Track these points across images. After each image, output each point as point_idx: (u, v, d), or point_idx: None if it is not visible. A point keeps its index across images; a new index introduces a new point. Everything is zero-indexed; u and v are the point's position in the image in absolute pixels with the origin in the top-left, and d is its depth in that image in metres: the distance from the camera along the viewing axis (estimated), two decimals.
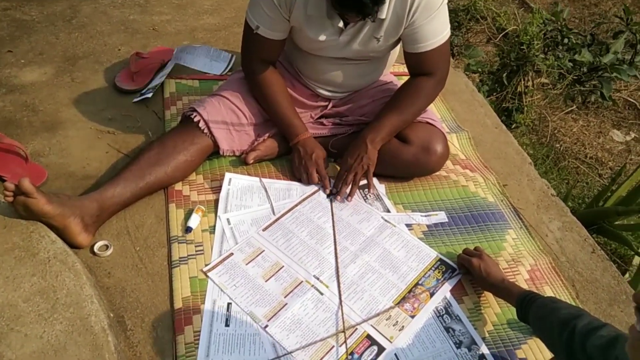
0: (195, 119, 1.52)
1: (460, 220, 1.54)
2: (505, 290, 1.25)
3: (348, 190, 1.54)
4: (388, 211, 1.54)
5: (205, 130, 1.52)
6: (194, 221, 1.42)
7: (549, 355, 1.21)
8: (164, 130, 1.68)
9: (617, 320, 1.31)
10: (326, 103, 1.68)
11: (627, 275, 1.87)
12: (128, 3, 2.32)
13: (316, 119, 1.69)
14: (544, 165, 2.59)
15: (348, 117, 1.67)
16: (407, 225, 1.51)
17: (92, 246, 1.36)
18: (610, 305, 1.36)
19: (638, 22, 2.86)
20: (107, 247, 1.37)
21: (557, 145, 2.78)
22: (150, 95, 1.79)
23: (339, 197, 1.53)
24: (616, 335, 0.91)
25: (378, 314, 1.28)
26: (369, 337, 1.24)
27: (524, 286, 1.34)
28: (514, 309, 1.21)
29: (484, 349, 1.24)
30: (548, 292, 1.37)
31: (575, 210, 2.18)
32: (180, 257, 1.36)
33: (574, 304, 1.34)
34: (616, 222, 2.00)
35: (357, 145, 1.52)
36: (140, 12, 2.27)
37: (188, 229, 1.41)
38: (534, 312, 1.12)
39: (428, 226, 1.52)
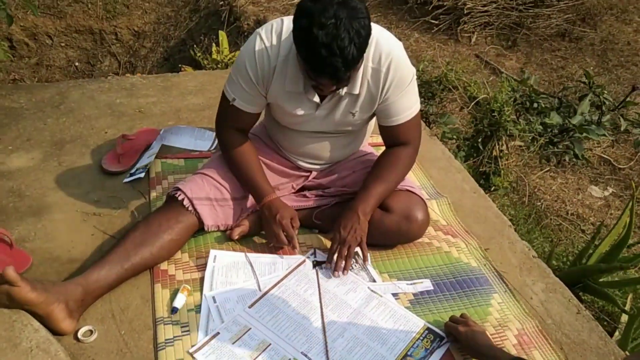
0: (180, 197, 1.55)
1: (445, 287, 1.56)
2: (493, 358, 1.25)
3: (343, 264, 1.54)
4: (374, 280, 1.56)
5: (190, 208, 1.55)
6: (180, 301, 1.42)
7: None
8: (149, 210, 1.70)
9: None
10: (307, 174, 1.73)
11: (616, 333, 1.87)
12: (115, 87, 2.41)
13: (298, 190, 1.73)
14: (526, 224, 2.64)
15: (330, 188, 1.71)
16: (394, 295, 1.52)
17: (76, 332, 1.34)
18: None
19: (600, 85, 3.02)
20: (91, 332, 1.35)
21: (538, 203, 2.84)
22: (142, 175, 1.83)
23: (336, 273, 1.54)
24: None
25: None
26: None
27: (513, 351, 1.34)
28: None
29: None
30: (537, 356, 1.37)
31: (560, 269, 2.21)
32: (166, 339, 1.34)
33: None
34: (600, 280, 2.02)
35: (349, 217, 1.54)
36: (126, 96, 2.36)
37: (174, 310, 1.40)
38: None
39: (414, 295, 1.53)
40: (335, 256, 1.54)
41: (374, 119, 1.64)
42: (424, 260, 1.64)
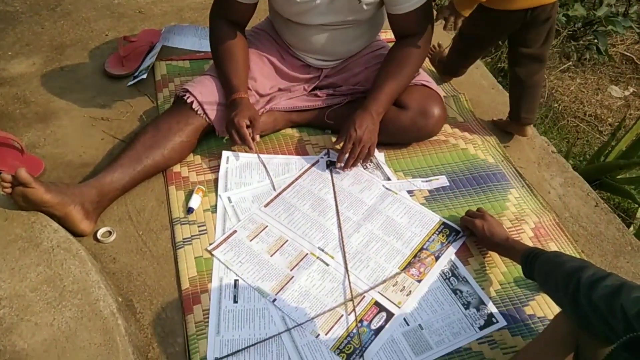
0: (189, 100, 1.50)
1: (461, 183, 1.54)
2: (510, 249, 1.25)
3: (353, 163, 1.50)
4: (388, 179, 1.54)
5: (200, 112, 1.51)
6: (195, 202, 1.42)
7: (557, 310, 1.21)
8: (157, 113, 1.66)
9: (623, 271, 1.32)
10: (318, 74, 1.66)
11: (631, 228, 1.87)
12: None
13: (310, 91, 1.67)
14: (543, 124, 2.58)
15: (342, 86, 1.65)
16: (409, 192, 1.50)
17: (95, 233, 1.36)
18: (616, 257, 1.36)
19: None
20: (110, 233, 1.37)
21: (556, 104, 2.76)
22: (144, 76, 1.77)
23: (345, 170, 1.51)
24: (621, 284, 0.90)
25: (385, 281, 1.28)
26: (377, 304, 1.24)
27: (529, 244, 1.34)
28: (520, 267, 1.21)
29: (492, 308, 1.24)
30: (553, 248, 1.37)
31: (577, 167, 2.17)
32: (184, 238, 1.36)
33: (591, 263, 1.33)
34: (618, 177, 2.00)
35: (364, 117, 1.48)
36: None
37: (190, 210, 1.41)
38: (538, 268, 1.12)
39: (430, 191, 1.51)
40: (346, 156, 1.50)
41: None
42: (439, 158, 1.61)
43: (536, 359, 1.03)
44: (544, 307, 1.24)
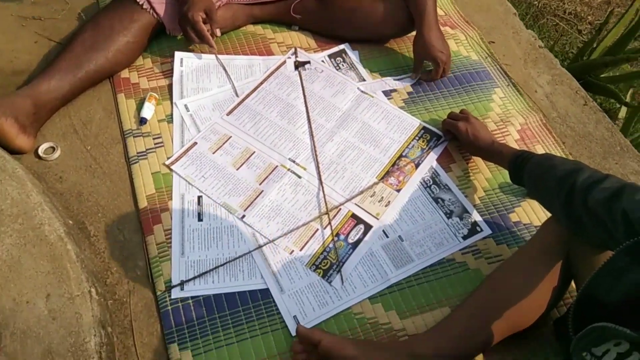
0: None
1: (442, 84, 1.41)
2: (495, 153, 1.16)
3: None
4: (363, 80, 1.39)
5: (146, 6, 1.30)
6: (148, 111, 1.26)
7: (544, 217, 1.15)
8: (98, 10, 1.44)
9: (612, 172, 1.24)
10: None
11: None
12: None
13: None
14: (524, 22, 2.42)
15: None
16: (386, 95, 1.37)
17: (37, 149, 1.20)
18: (605, 158, 1.29)
19: None
20: (53, 149, 1.21)
21: (535, 1, 2.60)
22: None
23: (305, 67, 1.35)
24: (621, 186, 0.82)
25: (362, 192, 1.19)
26: (354, 216, 1.15)
27: (515, 146, 1.25)
28: (505, 173, 1.13)
29: (476, 216, 1.17)
30: (540, 150, 1.29)
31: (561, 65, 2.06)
32: (138, 152, 1.22)
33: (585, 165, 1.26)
34: (602, 75, 1.89)
35: (437, 36, 1.34)
36: None
37: (142, 120, 1.25)
38: (528, 172, 1.03)
39: (409, 93, 1.38)
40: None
41: None
42: None
43: (524, 267, 0.97)
44: (529, 214, 1.18)
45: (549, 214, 1.02)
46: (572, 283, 0.99)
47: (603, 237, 0.84)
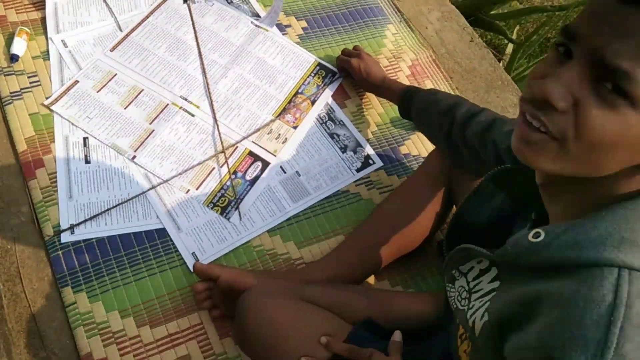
0: None
1: (337, 19, 1.41)
2: (386, 89, 1.19)
3: None
4: (257, 15, 1.36)
5: None
6: (19, 47, 1.15)
7: (430, 148, 1.21)
8: None
9: (493, 105, 1.34)
10: None
11: (500, 63, 1.92)
12: None
13: None
14: None
15: None
16: (281, 29, 1.35)
17: None
18: (487, 92, 1.37)
19: None
20: None
21: None
22: None
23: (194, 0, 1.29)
24: (493, 119, 0.89)
25: (258, 129, 1.18)
26: (251, 153, 1.15)
27: (406, 82, 1.29)
28: (396, 108, 1.17)
29: (369, 150, 1.22)
30: (429, 85, 1.34)
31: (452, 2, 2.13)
32: (11, 92, 1.11)
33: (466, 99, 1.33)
34: (492, 12, 1.98)
35: None
36: None
37: (14, 58, 1.14)
38: (415, 107, 1.08)
39: (304, 28, 1.37)
40: None
41: None
42: None
43: (409, 195, 1.04)
44: (418, 146, 1.24)
45: (434, 146, 1.08)
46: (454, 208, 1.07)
47: (478, 166, 0.91)
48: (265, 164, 1.14)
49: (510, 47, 1.94)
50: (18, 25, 1.18)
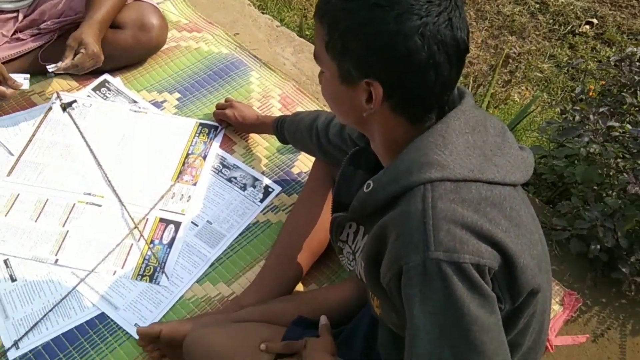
0: None
1: (205, 82, 1.56)
2: (262, 125, 1.35)
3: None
4: (134, 102, 1.49)
5: None
6: None
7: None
8: None
9: None
10: (15, 15, 1.47)
11: None
12: None
13: (12, 37, 1.48)
14: (276, 5, 2.68)
15: (46, 21, 1.49)
16: (157, 106, 1.48)
17: None
18: None
19: None
20: None
21: None
22: None
23: (73, 106, 1.40)
24: None
25: (162, 197, 1.29)
26: (162, 220, 1.26)
27: (279, 114, 1.45)
28: (276, 138, 1.32)
29: (266, 180, 1.36)
30: (300, 109, 1.51)
31: (305, 36, 2.35)
32: None
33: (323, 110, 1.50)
34: None
35: (94, 29, 1.35)
36: None
37: None
38: (287, 132, 1.23)
39: (178, 99, 1.51)
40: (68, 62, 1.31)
41: None
42: (177, 64, 1.59)
43: (308, 203, 1.17)
44: (306, 163, 1.39)
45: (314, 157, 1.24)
46: None
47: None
48: (177, 225, 1.25)
49: None
50: None
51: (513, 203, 0.66)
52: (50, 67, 1.31)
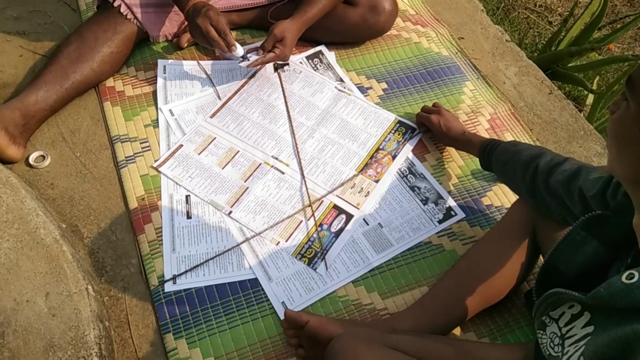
0: (116, 4, 1.34)
1: (415, 79, 1.48)
2: (466, 142, 1.23)
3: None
4: (341, 80, 1.46)
5: (129, 16, 1.36)
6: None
7: (513, 198, 1.22)
8: (81, 23, 1.49)
9: (576, 155, 1.33)
10: None
11: (581, 114, 1.89)
12: None
13: None
14: (495, 16, 2.51)
15: None
16: (362, 92, 1.44)
17: (27, 158, 1.25)
18: (570, 143, 1.36)
19: None
20: (43, 157, 1.26)
21: None
22: None
23: (284, 68, 1.41)
24: (578, 167, 0.90)
25: (342, 184, 1.25)
26: (336, 207, 1.21)
27: (485, 135, 1.32)
28: (476, 160, 1.20)
29: (450, 202, 1.24)
30: (509, 137, 1.36)
31: (530, 58, 2.14)
32: (126, 157, 1.27)
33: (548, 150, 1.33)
34: (569, 64, 1.98)
35: (294, 30, 1.35)
36: None
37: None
38: (496, 159, 1.10)
39: (384, 90, 1.45)
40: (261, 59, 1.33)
41: None
42: (392, 54, 1.53)
43: (494, 245, 1.04)
44: (500, 197, 1.25)
45: (517, 196, 1.09)
46: (541, 258, 1.06)
47: (564, 215, 0.91)
48: (349, 217, 1.20)
49: (590, 98, 1.91)
50: (133, 99, 1.35)
51: None
52: (243, 63, 1.34)
